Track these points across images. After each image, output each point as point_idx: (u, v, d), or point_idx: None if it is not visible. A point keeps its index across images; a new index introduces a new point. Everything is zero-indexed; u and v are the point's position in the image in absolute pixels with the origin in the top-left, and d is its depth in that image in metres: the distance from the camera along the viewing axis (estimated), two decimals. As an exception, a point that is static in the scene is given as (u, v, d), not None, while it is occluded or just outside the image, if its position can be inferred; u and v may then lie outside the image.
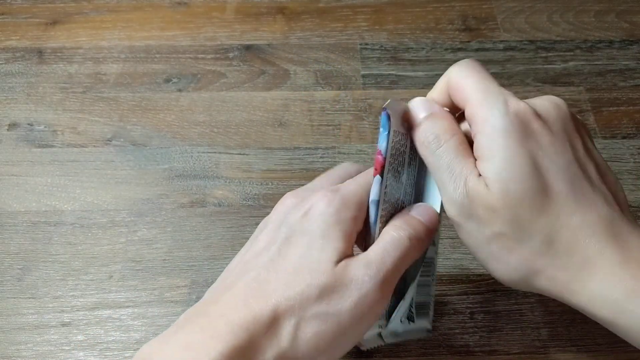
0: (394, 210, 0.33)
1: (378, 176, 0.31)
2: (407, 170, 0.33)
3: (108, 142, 0.49)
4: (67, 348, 0.39)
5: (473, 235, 0.30)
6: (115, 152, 0.49)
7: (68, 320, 0.40)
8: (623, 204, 0.30)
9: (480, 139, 0.29)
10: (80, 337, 0.39)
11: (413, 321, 0.36)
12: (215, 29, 0.57)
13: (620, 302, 0.27)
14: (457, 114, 0.33)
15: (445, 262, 0.43)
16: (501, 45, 0.56)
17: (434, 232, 0.33)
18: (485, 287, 0.42)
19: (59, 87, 0.53)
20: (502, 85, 0.31)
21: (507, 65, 0.54)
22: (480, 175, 0.29)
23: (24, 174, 0.48)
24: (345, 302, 0.28)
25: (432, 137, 0.30)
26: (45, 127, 0.50)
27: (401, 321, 0.35)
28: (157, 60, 0.55)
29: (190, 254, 0.43)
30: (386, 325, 0.35)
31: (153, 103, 0.52)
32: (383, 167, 0.31)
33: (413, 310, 0.36)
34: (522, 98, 0.30)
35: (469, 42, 0.56)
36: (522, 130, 0.29)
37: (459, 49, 0.55)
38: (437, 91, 0.33)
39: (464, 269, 0.43)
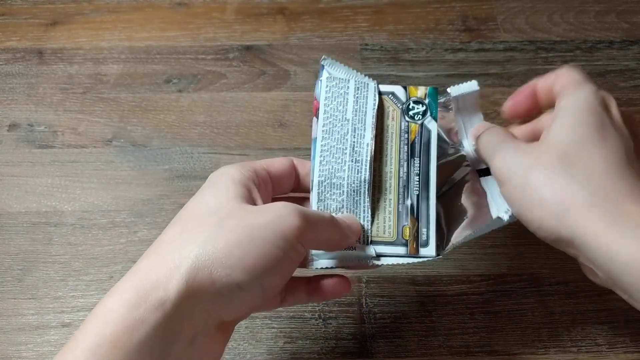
0: (342, 149, 0.35)
1: (315, 117, 0.36)
2: (359, 111, 0.36)
3: (108, 142, 0.49)
4: (67, 348, 0.39)
5: (515, 168, 0.32)
6: (116, 153, 0.49)
7: (68, 321, 0.40)
8: None
9: (563, 104, 0.33)
10: (80, 338, 0.39)
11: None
12: (216, 30, 0.57)
13: None
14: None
15: (446, 262, 0.43)
16: (501, 46, 0.56)
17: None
18: (486, 287, 0.42)
19: (59, 88, 0.53)
20: (502, 85, 0.31)
21: (507, 65, 0.54)
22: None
23: (24, 174, 0.48)
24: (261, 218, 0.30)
25: (485, 137, 0.35)
26: (45, 127, 0.50)
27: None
28: (158, 60, 0.55)
29: (191, 254, 0.43)
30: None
31: (153, 104, 0.52)
32: (318, 109, 0.36)
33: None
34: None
35: (469, 42, 0.56)
36: (603, 107, 0.33)
37: (459, 50, 0.55)
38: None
39: (464, 269, 0.43)
